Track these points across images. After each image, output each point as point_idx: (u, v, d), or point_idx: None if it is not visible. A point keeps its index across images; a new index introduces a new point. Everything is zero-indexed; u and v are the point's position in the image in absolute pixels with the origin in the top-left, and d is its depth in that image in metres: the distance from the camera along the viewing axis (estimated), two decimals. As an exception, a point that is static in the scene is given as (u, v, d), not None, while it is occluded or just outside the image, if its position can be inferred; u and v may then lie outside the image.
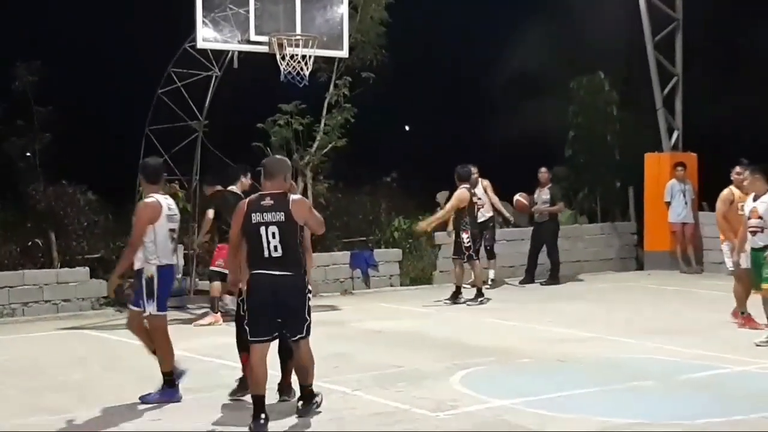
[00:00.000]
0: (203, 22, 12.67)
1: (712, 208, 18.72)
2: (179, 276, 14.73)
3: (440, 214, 14.87)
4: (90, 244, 15.78)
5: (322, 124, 17.25)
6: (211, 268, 12.75)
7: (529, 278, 16.74)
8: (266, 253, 7.41)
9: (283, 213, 7.45)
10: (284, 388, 8.35)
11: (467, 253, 14.29)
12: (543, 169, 17.05)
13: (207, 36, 12.80)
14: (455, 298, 14.21)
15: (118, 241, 16.00)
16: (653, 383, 8.93)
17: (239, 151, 17.27)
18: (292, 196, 7.62)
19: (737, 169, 12.03)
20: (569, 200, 19.91)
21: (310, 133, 17.19)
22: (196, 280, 14.86)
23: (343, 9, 13.76)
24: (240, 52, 13.43)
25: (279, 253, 7.40)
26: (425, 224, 14.84)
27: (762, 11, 22.52)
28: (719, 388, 8.74)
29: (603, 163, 21.14)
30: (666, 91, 19.00)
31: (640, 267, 18.89)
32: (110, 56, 23.32)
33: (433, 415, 7.74)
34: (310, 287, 7.78)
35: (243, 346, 7.92)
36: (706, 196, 19.08)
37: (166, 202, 8.49)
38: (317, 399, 7.92)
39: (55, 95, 18.21)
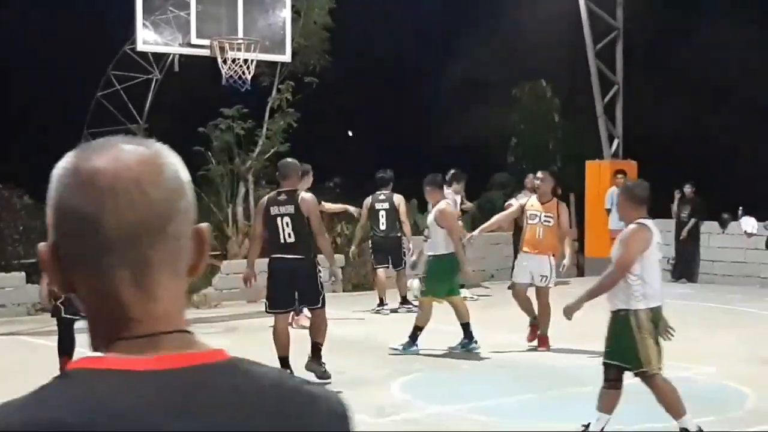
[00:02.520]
0: (143, 24, 12.52)
1: (653, 215, 19.05)
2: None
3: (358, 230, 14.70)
4: (26, 249, 15.48)
5: (265, 129, 17.15)
6: None
7: None
8: (282, 240, 8.86)
9: (293, 206, 8.91)
10: None
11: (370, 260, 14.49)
12: (530, 176, 17.21)
13: (147, 38, 12.65)
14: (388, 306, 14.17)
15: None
16: (594, 389, 8.94)
17: (180, 155, 17.10)
18: (302, 194, 9.08)
19: (539, 174, 11.74)
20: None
21: (252, 137, 17.09)
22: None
23: (286, 13, 13.70)
24: (181, 56, 13.30)
25: (292, 240, 8.87)
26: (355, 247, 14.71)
27: (700, 21, 22.90)
28: (658, 394, 8.80)
29: (544, 169, 21.29)
30: (607, 99, 19.19)
31: (581, 273, 19.03)
32: (48, 57, 22.98)
33: (373, 421, 7.70)
34: (320, 266, 9.20)
35: (63, 349, 8.57)
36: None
37: None
38: (325, 368, 9.16)
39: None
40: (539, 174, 11.42)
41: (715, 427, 7.58)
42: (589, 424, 7.09)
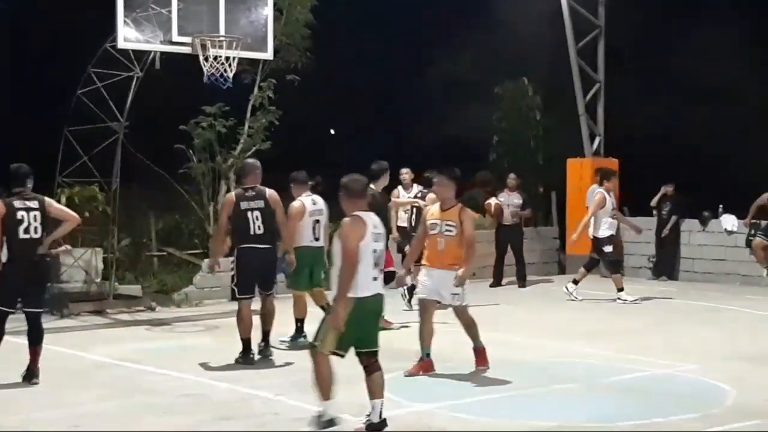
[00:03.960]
0: (124, 21, 12.44)
1: (633, 214, 19.12)
2: (98, 280, 14.47)
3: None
4: (7, 247, 15.35)
5: (246, 127, 17.11)
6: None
7: (497, 282, 17.01)
8: (252, 231, 9.80)
9: (262, 201, 9.93)
10: (32, 372, 8.94)
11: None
12: (512, 176, 17.48)
13: (128, 36, 12.57)
14: None
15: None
16: (576, 386, 9.01)
17: (161, 153, 17.06)
18: (268, 190, 10.02)
19: (434, 179, 9.90)
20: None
21: (233, 135, 17.04)
22: (116, 284, 14.57)
23: (268, 11, 13.64)
24: (162, 53, 13.21)
25: (261, 231, 9.85)
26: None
27: (681, 20, 22.99)
28: (641, 391, 8.84)
29: (526, 167, 21.34)
30: (588, 97, 19.24)
31: (563, 271, 19.06)
32: (28, 55, 22.86)
33: (355, 419, 7.69)
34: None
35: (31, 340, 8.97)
36: (626, 202, 19.37)
37: None
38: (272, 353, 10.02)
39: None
40: (434, 178, 9.64)
41: (696, 424, 7.61)
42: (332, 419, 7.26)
